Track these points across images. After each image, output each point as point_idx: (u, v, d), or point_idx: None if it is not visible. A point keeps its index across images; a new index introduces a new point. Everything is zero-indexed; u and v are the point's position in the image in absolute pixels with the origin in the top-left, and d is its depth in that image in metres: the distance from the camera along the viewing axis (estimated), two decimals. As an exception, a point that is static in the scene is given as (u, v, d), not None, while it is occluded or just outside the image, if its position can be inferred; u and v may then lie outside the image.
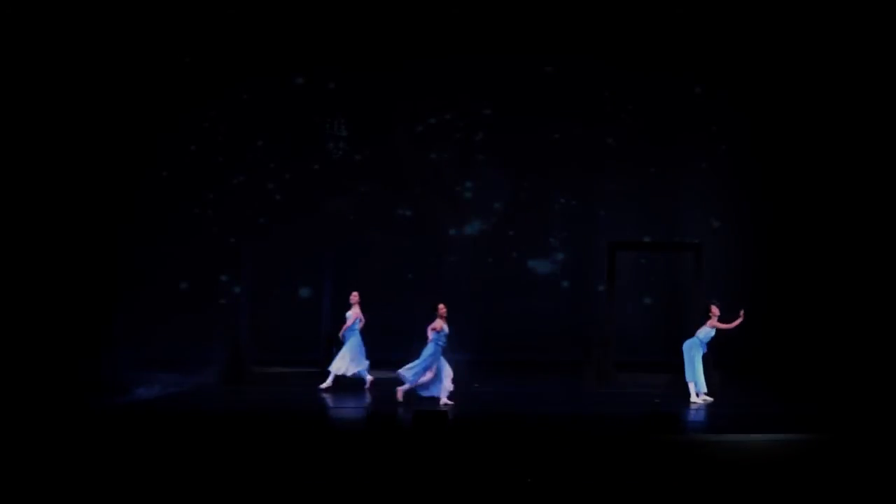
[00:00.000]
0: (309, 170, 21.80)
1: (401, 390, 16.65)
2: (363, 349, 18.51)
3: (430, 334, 16.52)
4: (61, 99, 20.76)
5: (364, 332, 18.58)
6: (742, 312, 17.07)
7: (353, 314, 18.57)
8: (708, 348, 17.28)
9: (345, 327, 18.50)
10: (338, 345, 18.63)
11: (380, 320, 20.92)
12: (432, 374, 16.47)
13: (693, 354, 17.19)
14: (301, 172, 21.77)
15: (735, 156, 21.68)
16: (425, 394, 16.56)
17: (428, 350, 16.47)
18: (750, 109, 21.42)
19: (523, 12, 21.16)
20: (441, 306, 16.56)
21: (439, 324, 16.49)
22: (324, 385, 18.27)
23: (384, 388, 17.65)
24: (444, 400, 16.53)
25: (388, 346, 20.57)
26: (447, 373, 16.60)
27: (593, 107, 21.75)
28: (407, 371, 16.51)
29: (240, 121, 21.52)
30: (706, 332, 17.20)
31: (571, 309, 21.86)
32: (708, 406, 16.87)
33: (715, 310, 17.23)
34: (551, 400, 17.75)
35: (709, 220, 21.78)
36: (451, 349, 17.58)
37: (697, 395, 17.13)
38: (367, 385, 18.34)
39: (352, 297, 18.68)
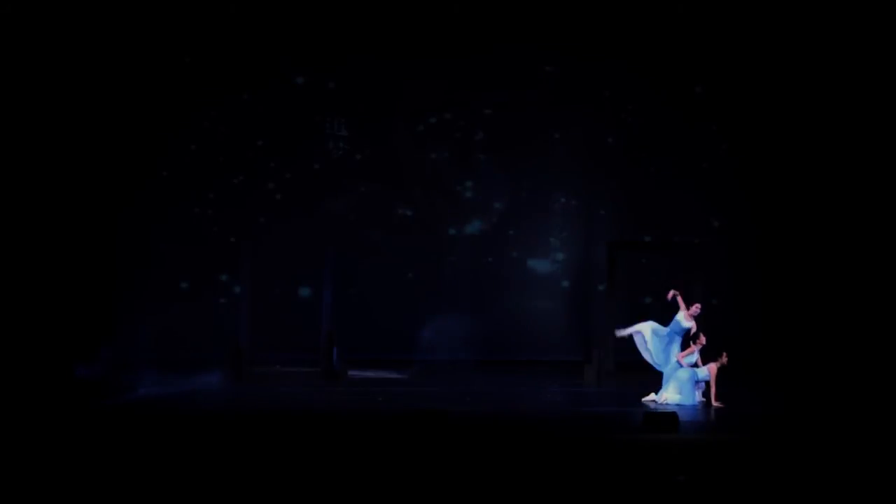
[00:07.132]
0: (309, 169, 21.81)
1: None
2: None
3: None
4: (61, 98, 20.73)
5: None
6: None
7: None
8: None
9: None
10: (338, 344, 18.65)
11: (379, 320, 21.01)
12: None
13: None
14: (301, 172, 21.77)
15: (735, 156, 21.67)
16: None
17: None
18: (750, 109, 21.42)
19: (523, 12, 21.15)
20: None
21: None
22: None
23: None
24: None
25: (388, 346, 20.68)
26: None
27: (593, 107, 21.74)
28: None
29: (240, 120, 21.52)
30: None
31: (571, 309, 21.86)
32: (707, 406, 16.84)
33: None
34: (551, 400, 17.75)
35: (709, 220, 21.78)
36: (452, 349, 17.67)
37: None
38: None
39: None
